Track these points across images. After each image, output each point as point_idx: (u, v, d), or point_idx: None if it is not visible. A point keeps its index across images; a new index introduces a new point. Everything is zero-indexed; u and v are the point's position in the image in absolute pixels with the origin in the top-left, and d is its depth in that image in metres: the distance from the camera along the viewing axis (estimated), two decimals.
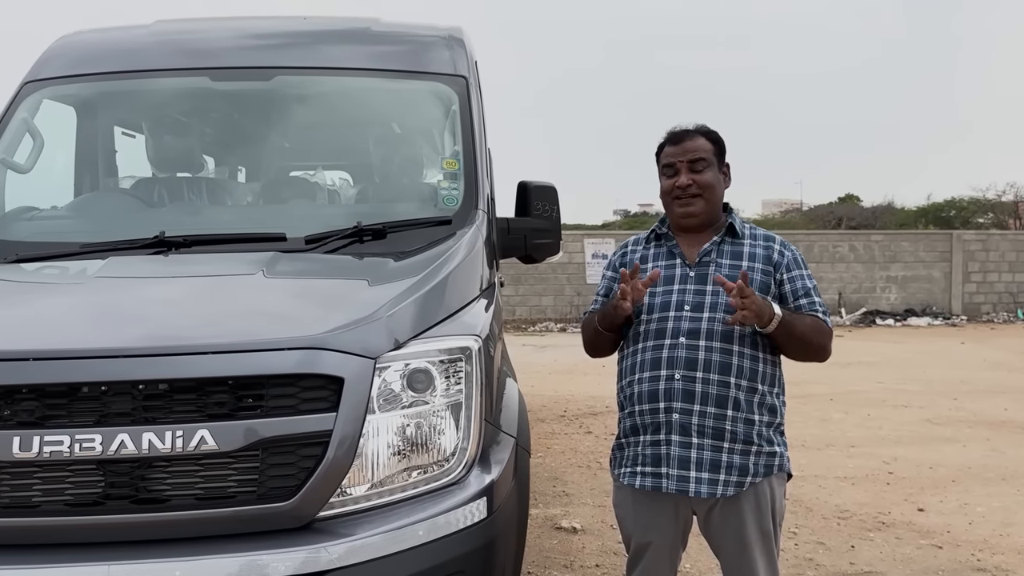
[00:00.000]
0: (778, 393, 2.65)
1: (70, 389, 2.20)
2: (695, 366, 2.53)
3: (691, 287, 2.62)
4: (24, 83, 3.67)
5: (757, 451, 2.55)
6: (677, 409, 2.53)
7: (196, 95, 3.82)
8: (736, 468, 2.53)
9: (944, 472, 6.29)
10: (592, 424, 8.08)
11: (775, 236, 2.71)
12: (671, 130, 2.73)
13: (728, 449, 2.52)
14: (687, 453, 2.53)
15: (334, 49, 3.89)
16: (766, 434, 2.58)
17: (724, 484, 2.52)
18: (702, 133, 2.69)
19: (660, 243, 2.74)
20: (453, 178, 3.45)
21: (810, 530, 4.94)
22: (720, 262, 2.63)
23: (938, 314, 19.79)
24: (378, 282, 2.79)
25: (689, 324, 2.56)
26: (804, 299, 2.61)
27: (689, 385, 2.53)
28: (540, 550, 4.55)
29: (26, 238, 3.24)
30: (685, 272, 2.64)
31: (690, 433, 2.53)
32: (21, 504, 2.19)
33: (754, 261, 2.63)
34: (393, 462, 2.36)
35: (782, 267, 2.63)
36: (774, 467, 2.59)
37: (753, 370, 2.55)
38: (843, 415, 8.51)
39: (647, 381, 2.59)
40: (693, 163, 2.63)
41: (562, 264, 18.47)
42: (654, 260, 2.71)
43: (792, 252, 2.68)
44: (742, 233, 2.67)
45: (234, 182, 4.17)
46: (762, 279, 2.61)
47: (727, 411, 2.52)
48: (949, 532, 4.91)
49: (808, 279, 2.65)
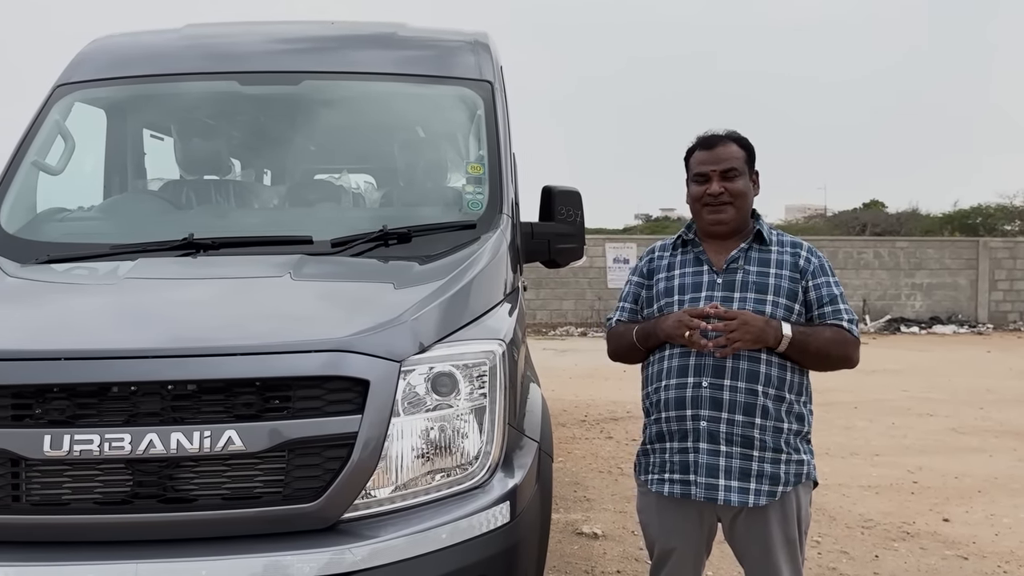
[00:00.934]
0: (805, 402, 2.63)
1: (100, 389, 2.23)
2: (723, 374, 2.51)
3: (718, 294, 2.59)
4: (56, 86, 3.72)
5: (787, 459, 2.54)
6: (705, 417, 2.52)
7: (225, 99, 3.86)
8: (767, 477, 2.51)
9: (970, 482, 6.22)
10: (613, 429, 8.06)
11: (802, 242, 2.69)
12: (702, 135, 2.69)
13: (758, 458, 2.51)
14: (716, 461, 2.52)
15: (361, 54, 3.92)
16: (794, 442, 2.56)
17: (756, 493, 2.51)
18: (734, 139, 2.66)
19: (687, 249, 2.72)
20: (478, 182, 3.45)
21: (833, 539, 4.90)
22: (748, 268, 2.61)
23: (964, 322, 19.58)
24: (403, 286, 2.80)
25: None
26: (829, 307, 2.58)
27: (717, 393, 2.51)
28: (561, 555, 4.54)
29: (57, 239, 3.28)
30: (712, 279, 2.62)
31: (718, 441, 2.51)
32: (51, 502, 2.22)
33: (781, 268, 2.61)
34: (417, 465, 2.37)
35: (808, 274, 2.60)
36: (803, 475, 2.58)
37: (781, 378, 2.53)
38: (867, 423, 8.43)
39: (674, 388, 2.58)
40: (725, 172, 2.61)
41: (583, 268, 18.45)
42: (681, 267, 2.69)
43: (819, 259, 2.65)
44: (769, 240, 2.65)
45: (261, 185, 4.21)
46: (789, 286, 2.58)
47: (755, 419, 2.50)
48: (975, 543, 4.85)
49: (834, 286, 2.62)
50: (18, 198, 3.38)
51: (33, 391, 2.23)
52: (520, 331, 2.96)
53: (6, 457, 2.19)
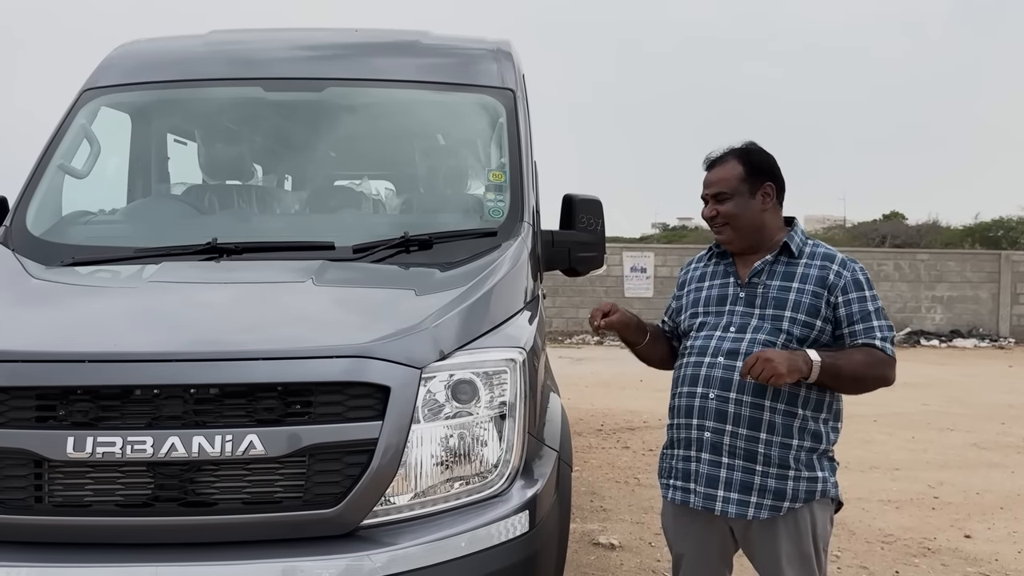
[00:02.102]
0: (826, 419, 2.55)
1: (123, 391, 2.25)
2: (729, 386, 2.49)
3: (739, 308, 2.58)
4: (83, 90, 3.76)
5: (796, 476, 2.48)
6: (709, 428, 2.50)
7: (248, 104, 3.88)
8: (771, 492, 2.47)
9: (991, 498, 6.14)
10: (630, 439, 8.03)
11: (836, 255, 2.57)
12: (708, 154, 2.67)
13: (761, 472, 2.46)
14: (716, 472, 2.50)
15: (384, 61, 3.94)
16: (807, 459, 2.49)
17: (756, 507, 2.47)
18: (736, 155, 2.59)
19: (719, 261, 2.71)
20: (499, 190, 3.46)
21: (853, 554, 4.85)
22: (769, 283, 2.55)
23: (985, 336, 19.37)
24: (424, 292, 2.81)
25: (730, 344, 2.53)
26: (860, 324, 2.48)
27: (722, 405, 2.49)
28: (578, 566, 4.51)
29: (82, 242, 3.31)
30: (736, 292, 2.60)
31: (721, 452, 2.49)
32: (73, 503, 2.24)
33: (805, 283, 2.52)
34: (436, 472, 2.37)
35: (837, 289, 2.50)
36: (816, 492, 2.50)
37: (792, 394, 2.47)
38: (887, 437, 8.35)
39: (685, 396, 2.59)
40: (716, 195, 2.60)
41: (600, 277, 18.42)
42: (711, 278, 2.69)
43: (853, 272, 2.54)
44: (799, 252, 2.57)
45: (283, 190, 4.23)
46: (811, 302, 2.50)
47: (760, 433, 2.46)
48: (997, 560, 4.79)
49: (869, 301, 2.50)
50: (44, 201, 3.41)
51: (57, 393, 2.25)
52: (540, 339, 2.96)
53: (29, 458, 2.21)
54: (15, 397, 2.26)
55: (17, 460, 2.22)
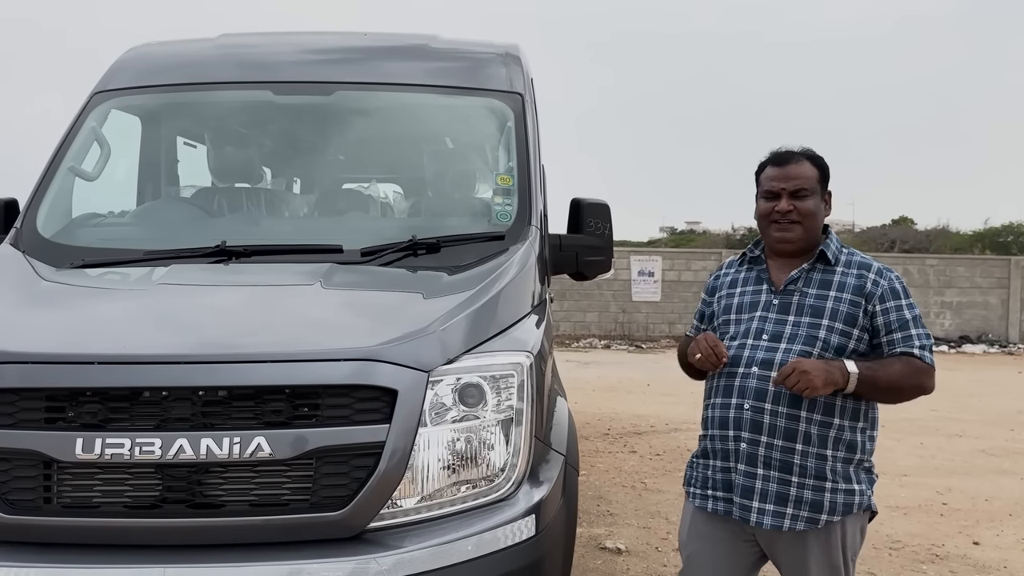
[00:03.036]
0: (864, 428, 2.52)
1: (132, 393, 2.26)
2: (764, 397, 2.46)
3: (772, 315, 2.54)
4: (94, 93, 3.78)
5: (833, 488, 2.45)
6: (745, 439, 2.48)
7: (258, 108, 3.90)
8: (807, 503, 2.44)
9: (1000, 505, 6.11)
10: (636, 443, 8.01)
11: (872, 263, 2.55)
12: (775, 151, 2.62)
13: (797, 483, 2.44)
14: (752, 483, 2.48)
15: (393, 65, 3.95)
16: (843, 471, 2.47)
17: (792, 518, 2.44)
18: (808, 157, 2.58)
19: (751, 267, 2.66)
20: (507, 194, 3.46)
21: (860, 560, 4.75)
22: (806, 291, 2.52)
23: (994, 342, 19.28)
24: (432, 296, 2.81)
25: (764, 354, 2.49)
26: (898, 333, 2.45)
27: (757, 416, 2.46)
28: (584, 570, 4.51)
29: (91, 244, 3.32)
30: (769, 300, 2.56)
31: (756, 464, 2.47)
32: (82, 504, 2.25)
33: (843, 291, 2.49)
34: (443, 476, 2.37)
35: (875, 298, 2.47)
36: (853, 506, 2.48)
37: (828, 404, 2.44)
38: (895, 442, 8.31)
39: (719, 408, 2.55)
40: (795, 191, 2.53)
41: (608, 281, 18.38)
42: (743, 284, 2.64)
43: (889, 281, 2.51)
44: (836, 260, 2.54)
45: (291, 193, 4.24)
46: (848, 310, 2.47)
47: (796, 444, 2.43)
48: (1006, 567, 4.76)
49: (907, 309, 2.48)
50: (54, 203, 3.43)
51: (66, 394, 2.26)
52: (547, 343, 2.96)
53: (38, 459, 2.23)
54: (25, 398, 2.27)
55: (27, 461, 2.23)
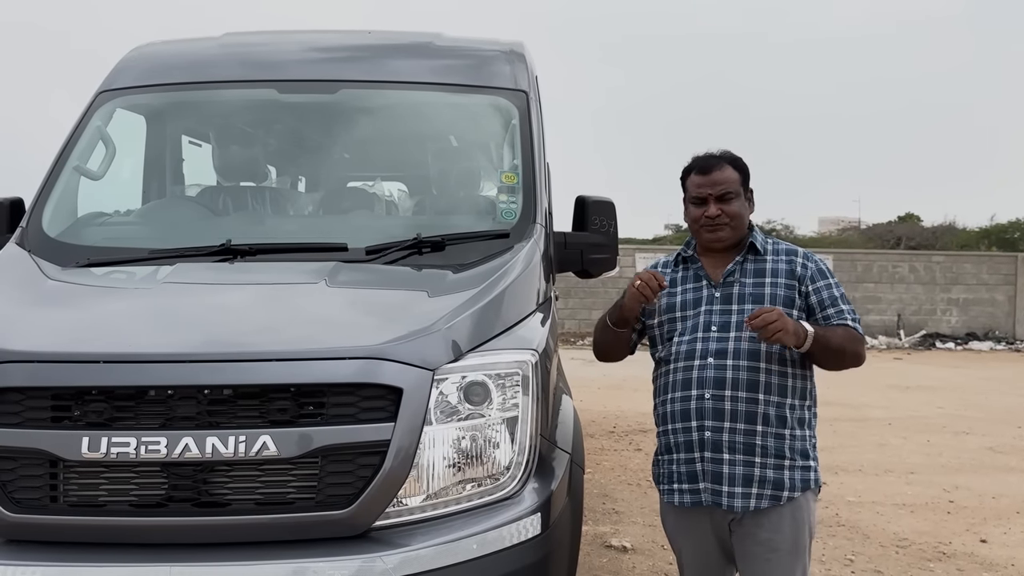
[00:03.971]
0: (809, 406, 2.68)
1: (137, 392, 2.26)
2: (723, 385, 2.58)
3: (717, 308, 2.67)
4: (99, 92, 3.78)
5: (791, 465, 2.59)
6: (708, 427, 2.58)
7: (263, 106, 3.90)
8: (770, 482, 2.56)
9: (1007, 503, 6.09)
10: (642, 441, 8.01)
11: (797, 249, 2.75)
12: (698, 157, 2.76)
13: (760, 464, 2.56)
14: (719, 468, 2.58)
15: (397, 63, 3.94)
16: (800, 447, 2.61)
17: (758, 497, 2.56)
18: (729, 161, 2.73)
19: (687, 266, 2.80)
20: (512, 192, 3.46)
21: (867, 558, 4.82)
22: (743, 281, 2.68)
23: (1001, 339, 19.23)
24: (437, 294, 2.81)
25: (716, 344, 2.62)
26: (831, 308, 2.63)
27: (718, 403, 2.58)
28: (590, 568, 4.51)
29: (97, 243, 3.32)
30: (711, 293, 2.70)
31: (721, 449, 2.58)
32: (88, 503, 2.25)
33: (777, 276, 2.67)
34: (448, 474, 2.37)
35: (806, 279, 2.65)
36: (810, 481, 2.62)
37: (782, 385, 2.59)
38: (902, 440, 8.30)
39: (679, 401, 2.65)
40: (721, 195, 2.68)
41: (613, 278, 18.36)
42: (682, 283, 2.77)
43: (815, 263, 2.71)
44: (764, 250, 2.71)
45: (296, 192, 4.25)
46: (786, 294, 2.65)
47: (756, 427, 2.56)
48: (1014, 565, 4.75)
49: (835, 287, 2.67)
50: (60, 202, 3.43)
51: (72, 393, 2.26)
52: (552, 341, 2.95)
53: (45, 458, 2.23)
54: (31, 397, 2.28)
55: (33, 460, 2.24)
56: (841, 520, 5.52)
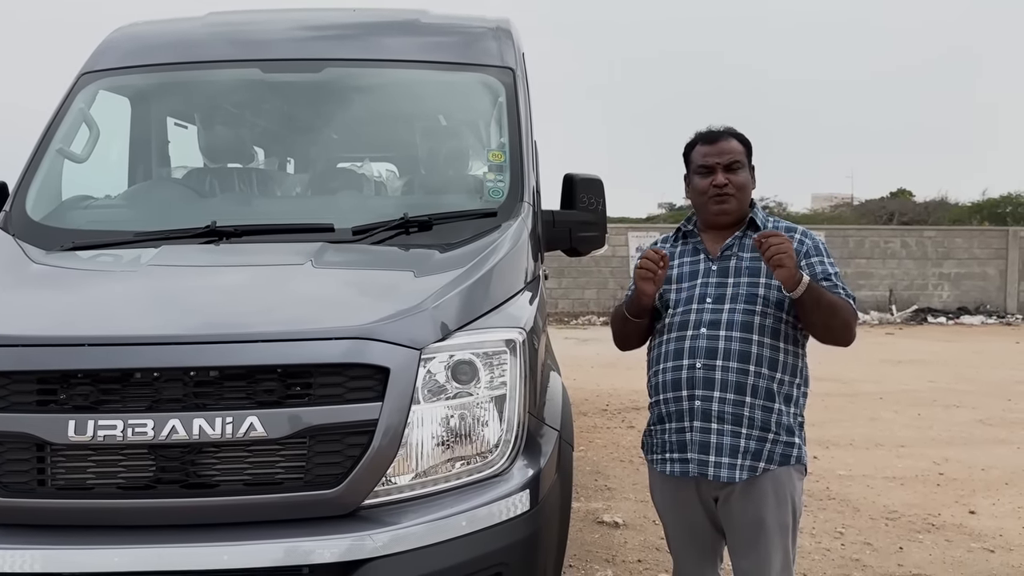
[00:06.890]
0: (799, 384, 2.68)
1: (123, 375, 2.26)
2: (715, 355, 2.59)
3: (713, 280, 2.68)
4: (81, 74, 3.74)
5: (774, 439, 2.59)
6: (698, 396, 2.60)
7: (247, 86, 3.86)
8: (751, 453, 2.58)
9: (997, 474, 6.14)
10: (635, 419, 8.04)
11: (796, 227, 2.76)
12: (702, 131, 2.78)
13: (746, 435, 2.58)
14: (707, 438, 2.60)
15: (383, 41, 3.91)
16: (785, 423, 2.61)
17: (740, 468, 2.58)
18: (733, 135, 2.75)
19: (686, 241, 2.81)
20: (499, 170, 3.44)
21: (857, 530, 4.86)
22: (741, 255, 2.69)
23: (992, 313, 19.32)
24: (424, 273, 2.80)
25: (710, 315, 2.63)
26: (825, 283, 2.61)
27: (709, 373, 2.59)
28: (582, 544, 4.54)
29: (82, 226, 3.30)
30: (708, 266, 2.71)
31: (711, 419, 2.59)
32: (75, 486, 2.25)
33: None
34: (437, 452, 2.37)
35: (802, 254, 2.66)
36: (791, 457, 2.62)
37: (773, 359, 2.60)
38: (893, 414, 8.35)
39: (671, 371, 2.66)
40: (729, 164, 2.69)
41: (605, 257, 18.39)
42: (680, 257, 2.79)
43: (813, 240, 2.72)
44: (764, 226, 2.72)
45: (283, 173, 4.22)
46: None
47: (745, 397, 2.58)
48: (1002, 535, 4.79)
49: (830, 265, 2.67)
50: (43, 186, 3.41)
51: (58, 376, 2.26)
52: (540, 319, 2.95)
53: (31, 442, 2.23)
54: (16, 381, 2.27)
55: (19, 444, 2.24)
56: (832, 493, 5.56)
